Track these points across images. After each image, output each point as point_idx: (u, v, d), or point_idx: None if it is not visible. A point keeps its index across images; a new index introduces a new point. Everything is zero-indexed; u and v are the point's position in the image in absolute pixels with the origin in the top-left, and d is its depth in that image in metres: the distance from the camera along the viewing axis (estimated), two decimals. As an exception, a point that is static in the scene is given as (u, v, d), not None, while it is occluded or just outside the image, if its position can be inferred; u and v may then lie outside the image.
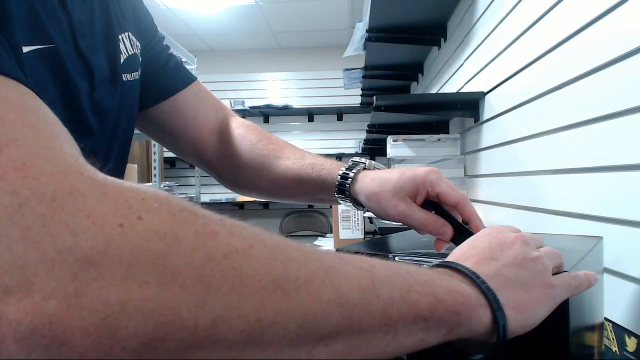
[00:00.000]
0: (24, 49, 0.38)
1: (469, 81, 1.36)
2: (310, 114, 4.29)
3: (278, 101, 4.14)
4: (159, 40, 0.68)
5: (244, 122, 0.73)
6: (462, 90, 1.43)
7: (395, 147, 1.45)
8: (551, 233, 0.71)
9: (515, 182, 1.02)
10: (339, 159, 0.64)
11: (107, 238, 0.22)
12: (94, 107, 0.49)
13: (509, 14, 1.03)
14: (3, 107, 0.25)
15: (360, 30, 1.86)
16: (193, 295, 0.22)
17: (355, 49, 1.99)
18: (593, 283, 0.40)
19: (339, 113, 4.28)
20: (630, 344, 0.56)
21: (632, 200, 0.59)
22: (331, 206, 2.24)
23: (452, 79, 1.56)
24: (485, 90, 1.20)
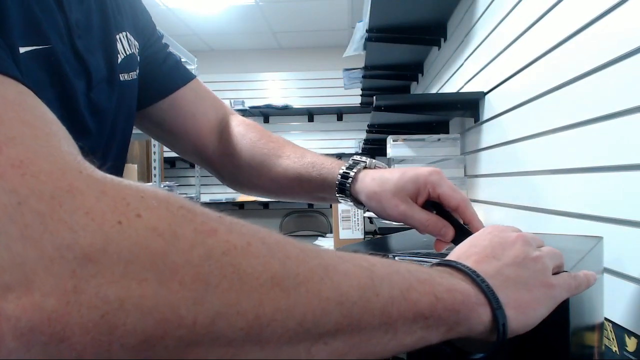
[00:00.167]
0: (21, 49, 0.38)
1: (469, 81, 1.36)
2: (310, 114, 4.29)
3: (278, 101, 4.14)
4: (158, 38, 0.68)
5: (244, 120, 0.73)
6: (462, 90, 1.43)
7: (395, 147, 1.45)
8: (551, 233, 0.71)
9: (515, 182, 1.02)
10: (339, 158, 0.64)
11: (106, 235, 0.22)
12: (91, 107, 0.49)
13: (509, 14, 1.03)
14: (1, 105, 0.25)
15: (360, 30, 1.86)
16: (192, 292, 0.22)
17: (355, 49, 1.99)
18: (592, 283, 0.40)
19: (339, 113, 4.28)
20: (630, 344, 0.56)
21: (632, 200, 0.59)
22: (331, 206, 2.24)
23: (452, 79, 1.56)
24: (485, 90, 1.20)
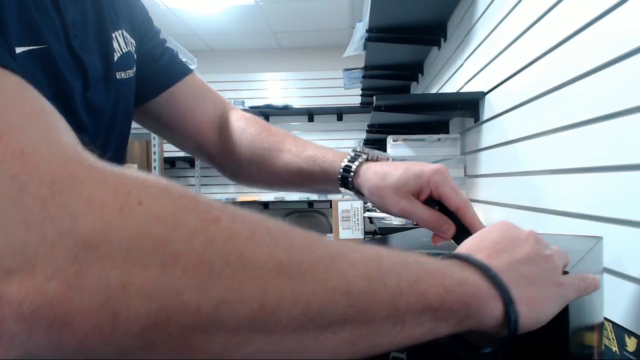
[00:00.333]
0: (17, 49, 0.38)
1: (469, 81, 1.36)
2: (310, 114, 4.30)
3: (278, 101, 4.14)
4: (155, 34, 0.67)
5: (244, 114, 0.72)
6: (462, 90, 1.43)
7: (395, 147, 1.45)
8: (551, 233, 0.71)
9: (515, 182, 1.02)
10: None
11: (107, 222, 0.22)
12: (88, 106, 0.49)
13: (509, 14, 1.03)
14: (1, 96, 0.25)
15: (360, 30, 1.86)
16: (195, 278, 0.22)
17: (355, 49, 1.98)
18: (597, 287, 0.40)
19: (339, 113, 4.28)
20: (630, 344, 0.56)
21: (632, 200, 0.59)
22: (331, 206, 2.24)
23: (452, 79, 1.56)
24: (485, 90, 1.20)
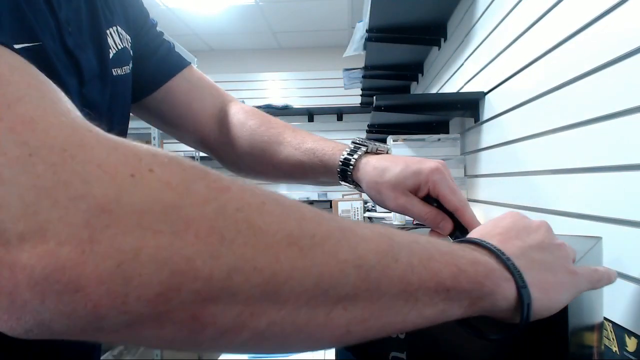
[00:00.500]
0: (13, 45, 0.38)
1: (469, 81, 1.36)
2: (310, 114, 4.29)
3: (278, 101, 4.13)
4: (150, 27, 0.67)
5: (243, 107, 0.72)
6: (462, 90, 1.43)
7: (395, 147, 1.45)
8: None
9: (515, 182, 1.02)
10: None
11: (119, 187, 0.21)
12: (84, 103, 0.48)
13: (509, 14, 1.03)
14: (7, 69, 0.25)
15: (360, 30, 1.86)
16: (207, 245, 0.22)
17: (355, 49, 1.98)
18: (613, 280, 0.40)
19: (339, 113, 4.28)
20: (630, 344, 0.56)
21: (632, 200, 0.59)
22: (331, 206, 2.24)
23: (452, 79, 1.56)
24: (485, 90, 1.20)
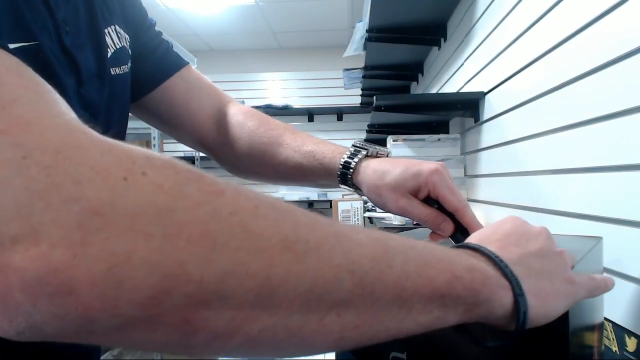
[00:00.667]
0: (8, 46, 0.38)
1: (469, 81, 1.36)
2: (310, 114, 4.29)
3: (278, 101, 4.13)
4: (149, 26, 0.67)
5: (242, 108, 0.72)
6: (462, 90, 1.43)
7: (395, 147, 1.45)
8: (551, 233, 0.71)
9: (515, 182, 1.02)
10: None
11: (112, 189, 0.21)
12: (82, 103, 0.48)
13: (509, 14, 1.03)
14: (3, 70, 0.25)
15: (360, 30, 1.86)
16: (199, 249, 0.22)
17: (355, 49, 1.98)
18: (610, 288, 0.40)
19: (339, 113, 4.27)
20: (630, 344, 0.56)
21: (632, 200, 0.59)
22: (331, 206, 2.24)
23: (452, 79, 1.56)
24: (485, 90, 1.20)
